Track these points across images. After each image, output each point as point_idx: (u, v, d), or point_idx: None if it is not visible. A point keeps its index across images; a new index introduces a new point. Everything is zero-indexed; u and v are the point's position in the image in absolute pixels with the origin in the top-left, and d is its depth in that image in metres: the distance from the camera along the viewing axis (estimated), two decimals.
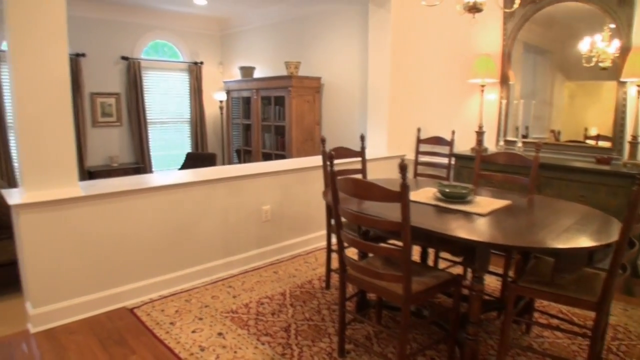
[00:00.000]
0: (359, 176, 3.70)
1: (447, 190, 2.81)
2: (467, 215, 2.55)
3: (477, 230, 2.30)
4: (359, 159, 3.75)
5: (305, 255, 4.25)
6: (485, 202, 2.77)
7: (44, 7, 2.72)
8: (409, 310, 2.25)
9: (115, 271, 3.21)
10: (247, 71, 6.72)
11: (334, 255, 3.63)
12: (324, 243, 4.52)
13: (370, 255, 2.78)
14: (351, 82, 5.78)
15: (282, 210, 4.13)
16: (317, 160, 4.53)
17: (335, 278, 3.66)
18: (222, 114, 7.70)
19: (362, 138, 3.72)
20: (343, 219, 2.41)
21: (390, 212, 2.51)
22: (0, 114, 5.90)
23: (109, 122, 6.88)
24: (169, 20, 7.26)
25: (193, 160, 7.04)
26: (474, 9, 2.80)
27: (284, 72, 6.30)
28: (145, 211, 3.28)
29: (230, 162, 7.28)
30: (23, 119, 2.73)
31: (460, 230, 2.26)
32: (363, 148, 3.71)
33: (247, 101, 6.82)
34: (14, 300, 3.95)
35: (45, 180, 2.84)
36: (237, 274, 3.82)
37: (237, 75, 7.45)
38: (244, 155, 7.00)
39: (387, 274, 2.24)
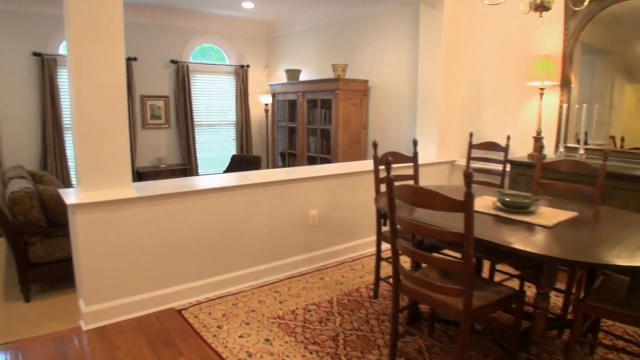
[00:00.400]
0: (410, 182, 3.60)
1: (508, 199, 2.67)
2: (531, 226, 2.40)
3: (544, 243, 2.16)
4: (411, 164, 3.63)
5: (351, 262, 4.17)
6: (549, 213, 2.61)
7: (104, 13, 2.76)
8: (469, 326, 2.13)
9: (164, 272, 3.22)
10: (293, 74, 6.71)
11: (383, 264, 3.55)
12: (370, 250, 4.43)
13: (424, 265, 2.67)
14: (400, 84, 5.66)
15: (329, 215, 4.06)
16: (366, 165, 4.45)
17: (383, 287, 3.56)
18: (267, 116, 7.72)
19: (415, 143, 3.61)
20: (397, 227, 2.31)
21: (449, 221, 2.40)
22: (57, 115, 6.11)
23: (157, 124, 7.01)
24: (217, 24, 7.34)
25: (238, 163, 7.08)
26: (542, 7, 2.65)
27: (330, 75, 6.24)
28: (194, 213, 3.28)
29: (274, 165, 7.29)
30: (82, 121, 2.77)
31: (526, 243, 2.13)
32: (416, 153, 3.60)
33: (292, 104, 6.80)
34: (67, 296, 4.05)
35: (101, 181, 2.88)
36: (283, 278, 3.77)
37: (282, 78, 7.46)
38: (289, 159, 6.98)
39: (447, 288, 2.13)
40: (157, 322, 3.10)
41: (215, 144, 7.72)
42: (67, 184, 6.24)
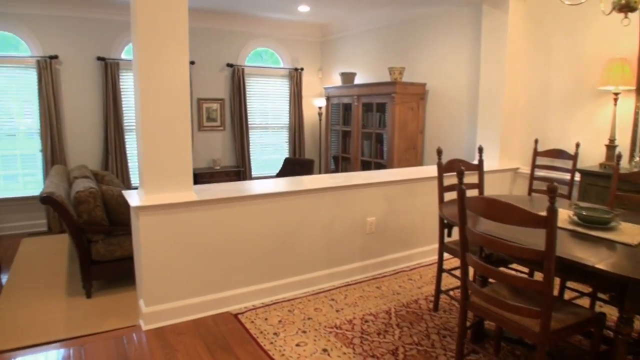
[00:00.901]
0: (475, 192, 3.45)
1: (586, 213, 2.48)
2: (612, 244, 2.22)
3: (630, 264, 1.98)
4: (475, 172, 3.47)
5: (408, 272, 4.04)
6: (631, 230, 2.41)
7: (169, 19, 2.80)
8: (545, 350, 1.98)
9: (221, 276, 3.22)
10: (347, 77, 6.64)
11: (443, 275, 3.41)
12: (428, 259, 4.29)
13: (492, 280, 2.52)
14: (459, 88, 5.48)
15: (387, 222, 3.95)
16: (424, 171, 4.31)
17: (443, 300, 3.42)
18: (320, 120, 7.69)
19: (480, 150, 3.45)
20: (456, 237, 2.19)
21: (520, 235, 2.26)
22: (118, 117, 6.30)
23: (213, 127, 7.12)
24: (272, 27, 7.38)
25: (291, 166, 7.08)
26: (627, 7, 2.45)
27: (386, 78, 6.12)
28: (253, 218, 3.26)
29: (327, 169, 7.24)
30: (147, 125, 2.80)
31: (609, 263, 1.96)
32: (481, 161, 3.44)
33: (347, 107, 6.73)
34: (125, 294, 4.14)
35: (164, 183, 2.90)
36: (339, 286, 3.70)
37: (336, 81, 7.40)
38: (342, 162, 6.91)
39: (523, 308, 1.98)
40: (214, 325, 3.10)
41: (268, 146, 7.76)
42: (126, 183, 6.43)
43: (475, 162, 3.53)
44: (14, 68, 5.85)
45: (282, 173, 7.11)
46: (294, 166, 6.99)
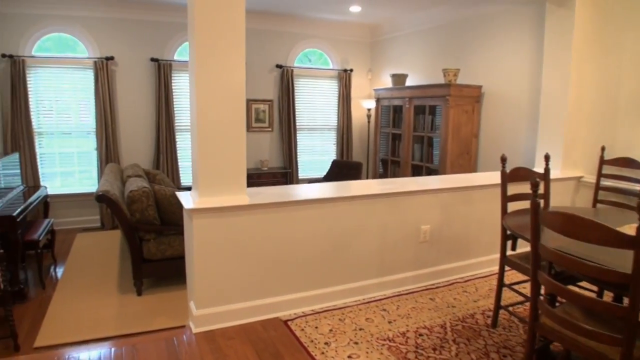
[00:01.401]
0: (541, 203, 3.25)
1: None
2: None
3: None
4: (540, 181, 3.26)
5: (463, 283, 3.87)
6: None
7: (228, 19, 2.76)
8: None
9: (271, 281, 3.16)
10: (399, 79, 6.48)
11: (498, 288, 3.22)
12: (483, 270, 4.10)
13: (562, 300, 2.34)
14: (517, 90, 5.23)
15: (441, 231, 3.80)
16: (481, 178, 4.13)
17: (503, 315, 3.24)
18: (369, 122, 7.57)
19: (547, 158, 3.25)
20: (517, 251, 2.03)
21: (598, 253, 2.08)
22: (170, 118, 6.40)
23: (261, 128, 7.13)
24: (322, 28, 7.32)
25: (338, 168, 6.99)
26: None
27: (439, 80, 5.94)
28: (304, 223, 3.19)
29: (375, 172, 7.10)
30: (202, 126, 2.78)
31: None
32: (547, 170, 3.23)
33: (397, 110, 6.57)
34: (174, 293, 4.18)
35: (218, 186, 2.87)
36: (391, 295, 3.58)
37: (386, 82, 7.26)
38: (391, 166, 6.76)
39: (603, 335, 1.81)
40: (263, 331, 3.05)
41: (315, 148, 7.71)
42: (176, 183, 6.52)
43: (540, 170, 3.32)
44: (73, 69, 6.04)
45: (329, 175, 7.03)
46: (341, 169, 6.90)
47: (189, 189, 6.23)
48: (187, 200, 2.95)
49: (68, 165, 6.27)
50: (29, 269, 4.70)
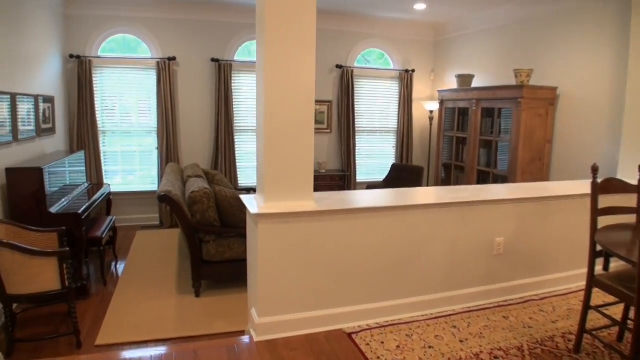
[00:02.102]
0: (631, 217, 2.93)
1: None
2: None
3: None
4: (634, 194, 2.94)
5: (538, 301, 3.56)
6: None
7: (299, 17, 2.63)
8: None
9: (336, 291, 3.00)
10: (465, 80, 6.18)
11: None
12: (560, 288, 3.77)
13: None
14: (598, 93, 4.82)
15: (517, 244, 3.51)
16: (562, 188, 3.81)
17: (586, 340, 2.93)
18: (431, 124, 7.29)
19: None
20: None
21: None
22: (229, 118, 6.39)
23: (319, 129, 7.01)
24: (384, 27, 7.11)
25: (398, 172, 6.76)
26: None
27: (507, 81, 5.61)
28: (372, 231, 3.01)
29: (437, 177, 6.81)
30: (270, 129, 2.66)
31: None
32: None
33: (463, 112, 6.27)
34: (232, 296, 4.12)
35: (285, 191, 2.75)
36: (460, 311, 3.33)
37: (450, 83, 6.96)
38: (454, 171, 6.45)
39: None
40: (326, 343, 2.89)
41: (374, 151, 7.50)
42: (234, 183, 6.51)
43: (632, 181, 2.99)
44: (136, 69, 6.14)
45: (388, 180, 6.82)
46: (401, 173, 6.67)
47: (247, 190, 6.26)
48: (251, 204, 2.84)
49: (129, 163, 6.39)
50: (90, 264, 4.78)
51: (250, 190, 6.12)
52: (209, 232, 4.01)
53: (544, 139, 5.24)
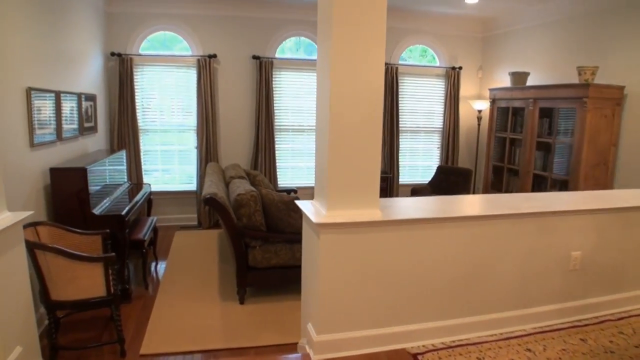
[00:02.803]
0: None
1: None
2: None
3: None
4: None
5: (615, 321, 3.24)
6: None
7: (368, 11, 2.40)
8: None
9: (399, 307, 2.76)
10: (519, 77, 5.82)
11: None
12: (637, 306, 3.44)
13: None
14: None
15: (594, 258, 3.19)
16: None
17: None
18: (479, 124, 6.94)
19: None
20: None
21: None
22: (270, 116, 6.19)
23: None
24: (430, 23, 6.80)
25: (445, 175, 6.46)
26: None
27: (567, 79, 5.25)
28: (440, 243, 2.75)
29: (487, 180, 6.46)
30: (336, 131, 2.44)
31: None
32: None
33: (517, 112, 5.91)
34: (276, 304, 3.92)
35: (350, 198, 2.52)
36: (533, 332, 3.04)
37: (500, 81, 6.61)
38: (506, 175, 6.09)
39: None
40: None
41: (418, 151, 7.20)
42: (273, 184, 6.32)
43: None
44: (177, 67, 6.01)
45: (434, 182, 6.52)
46: (448, 175, 6.36)
47: (286, 191, 6.04)
48: (310, 211, 2.62)
49: (168, 162, 6.27)
50: (131, 266, 4.66)
51: (290, 192, 5.91)
52: (255, 237, 3.81)
53: (609, 141, 4.86)
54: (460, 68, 7.00)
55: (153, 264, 4.83)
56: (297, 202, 2.84)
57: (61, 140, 4.06)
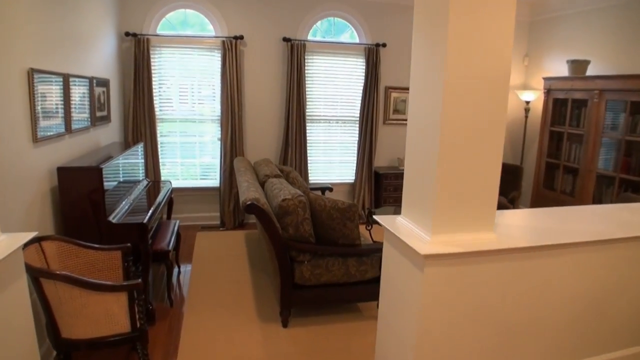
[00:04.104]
0: None
1: None
2: None
3: None
4: None
5: None
6: None
7: None
8: None
9: (510, 350, 2.18)
10: (579, 66, 5.19)
11: None
12: None
13: None
14: None
15: None
16: None
17: None
18: (526, 117, 6.31)
19: None
20: None
21: None
22: (301, 105, 5.57)
23: (399, 120, 6.13)
24: None
25: None
26: None
27: (632, 69, 4.61)
28: (557, 274, 2.16)
29: (537, 179, 5.83)
30: (449, 137, 1.85)
31: None
32: None
33: (578, 104, 5.27)
34: (325, 326, 3.30)
35: (461, 219, 1.92)
36: None
37: (552, 70, 5.97)
38: (564, 174, 5.47)
39: None
40: None
41: None
42: (305, 180, 5.71)
43: None
44: (199, 49, 5.37)
45: None
46: None
47: (320, 189, 5.41)
48: (407, 234, 2.02)
49: (188, 156, 5.66)
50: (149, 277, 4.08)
51: (324, 190, 5.30)
52: (303, 250, 3.23)
53: None
54: None
55: (175, 273, 4.25)
56: (378, 218, 2.24)
57: (70, 132, 3.45)
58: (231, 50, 5.24)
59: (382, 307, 2.35)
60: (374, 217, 2.34)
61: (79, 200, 3.10)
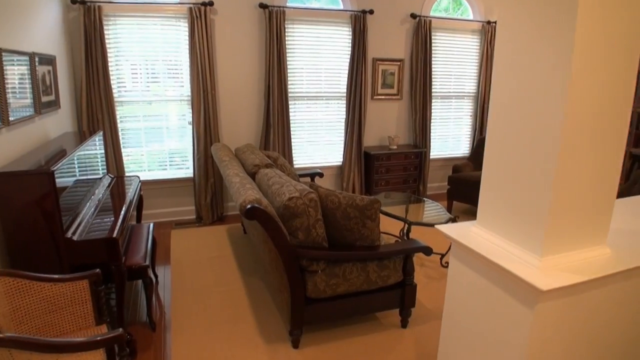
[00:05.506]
0: None
1: None
2: None
3: None
4: None
5: None
6: None
7: None
8: None
9: None
10: None
11: None
12: None
13: None
14: None
15: None
16: None
17: None
18: None
19: None
20: None
21: None
22: (282, 81, 4.92)
23: (388, 95, 5.58)
24: None
25: (482, 148, 5.40)
26: None
27: None
28: None
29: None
30: (574, 125, 1.31)
31: None
32: None
33: None
34: (342, 343, 2.80)
35: (571, 234, 1.40)
36: None
37: None
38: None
39: None
40: None
41: (448, 121, 6.09)
42: (290, 165, 5.11)
43: None
44: (161, 18, 4.59)
45: (476, 156, 5.48)
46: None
47: (310, 175, 4.78)
48: (502, 255, 1.48)
49: (155, 142, 4.93)
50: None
51: (314, 175, 4.70)
52: (317, 258, 2.66)
53: None
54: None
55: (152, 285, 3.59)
56: (442, 229, 1.69)
57: (7, 124, 2.72)
58: (200, 19, 4.51)
59: (444, 345, 1.83)
60: (438, 227, 1.78)
61: (25, 216, 2.41)
